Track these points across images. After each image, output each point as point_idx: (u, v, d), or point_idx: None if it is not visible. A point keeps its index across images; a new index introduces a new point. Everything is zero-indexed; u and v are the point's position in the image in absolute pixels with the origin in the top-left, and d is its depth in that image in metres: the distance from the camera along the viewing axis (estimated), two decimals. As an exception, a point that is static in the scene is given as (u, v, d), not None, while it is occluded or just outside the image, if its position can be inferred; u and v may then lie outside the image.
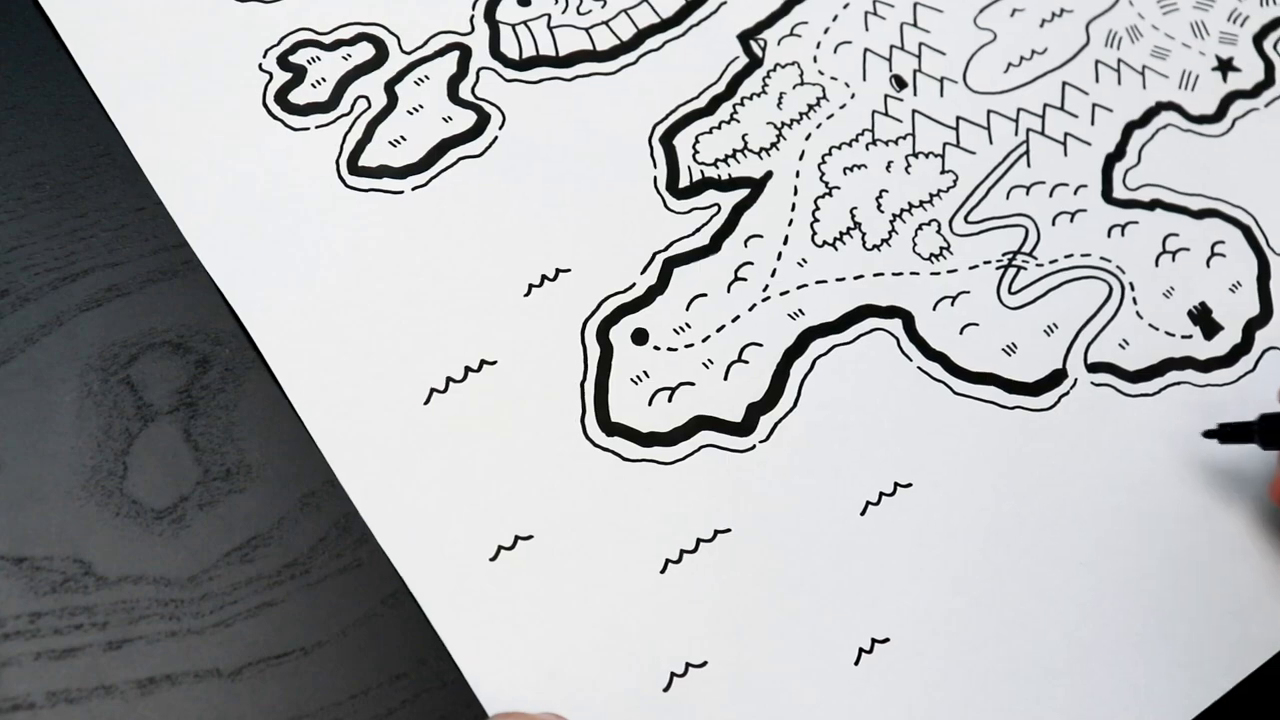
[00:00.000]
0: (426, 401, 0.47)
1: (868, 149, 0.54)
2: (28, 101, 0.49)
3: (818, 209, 0.53)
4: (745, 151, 0.53)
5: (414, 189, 0.50)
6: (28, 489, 0.44)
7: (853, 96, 0.55)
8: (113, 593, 0.43)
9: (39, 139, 0.49)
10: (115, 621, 0.43)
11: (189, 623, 0.43)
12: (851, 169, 0.54)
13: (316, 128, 0.50)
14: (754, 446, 0.48)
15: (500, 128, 0.52)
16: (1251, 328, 0.54)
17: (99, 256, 0.47)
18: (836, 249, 0.52)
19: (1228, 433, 0.48)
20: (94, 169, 0.48)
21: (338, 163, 0.50)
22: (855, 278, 0.52)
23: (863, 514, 0.48)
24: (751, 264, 0.51)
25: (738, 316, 0.50)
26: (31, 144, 0.49)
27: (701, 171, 0.52)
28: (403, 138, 0.51)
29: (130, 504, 0.44)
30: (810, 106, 0.54)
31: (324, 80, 0.51)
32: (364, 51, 0.52)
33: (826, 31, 0.56)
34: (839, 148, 0.54)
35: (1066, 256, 0.54)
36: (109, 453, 0.45)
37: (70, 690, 0.42)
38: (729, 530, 0.47)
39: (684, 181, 0.52)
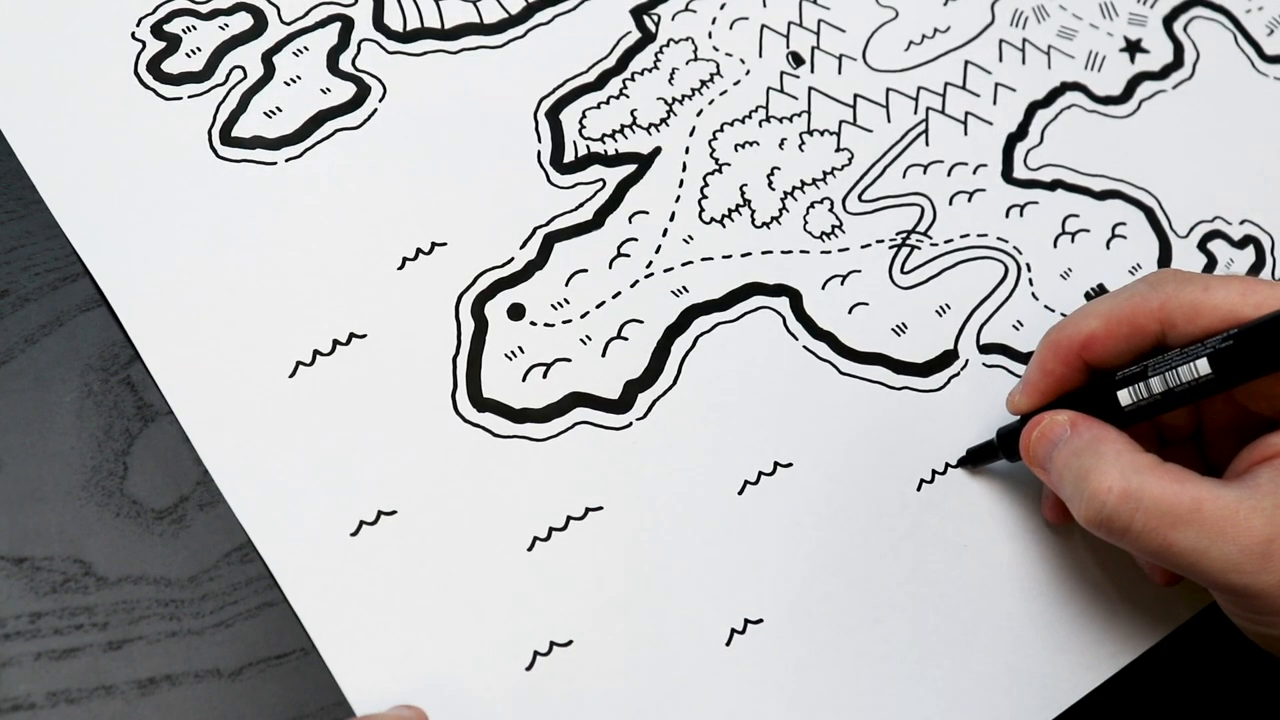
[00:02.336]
0: (292, 375, 0.46)
1: (761, 126, 0.53)
2: None
3: (706, 186, 0.52)
4: (634, 127, 0.52)
5: (288, 160, 0.49)
6: (28, 489, 0.44)
7: (747, 73, 0.54)
8: (113, 593, 0.43)
9: None
10: (115, 621, 0.43)
11: (189, 623, 0.43)
12: (743, 146, 0.53)
13: (189, 97, 0.50)
14: (630, 424, 0.48)
15: (380, 100, 0.51)
16: (1150, 310, 0.53)
17: None
18: (724, 226, 0.51)
19: (975, 456, 0.49)
20: None
21: (210, 133, 0.49)
22: (743, 255, 0.51)
23: (740, 493, 0.47)
24: (635, 240, 0.50)
25: (619, 293, 0.49)
26: None
27: (588, 146, 0.51)
28: (278, 109, 0.50)
29: (130, 504, 0.44)
30: (703, 82, 0.54)
31: (199, 50, 0.50)
32: (242, 21, 0.51)
33: (723, 7, 0.55)
34: (731, 124, 0.53)
35: (963, 236, 0.53)
36: (109, 453, 0.45)
37: (70, 690, 0.42)
38: (601, 508, 0.46)
39: (569, 156, 0.51)
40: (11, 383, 0.45)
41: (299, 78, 0.50)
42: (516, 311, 0.48)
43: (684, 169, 0.52)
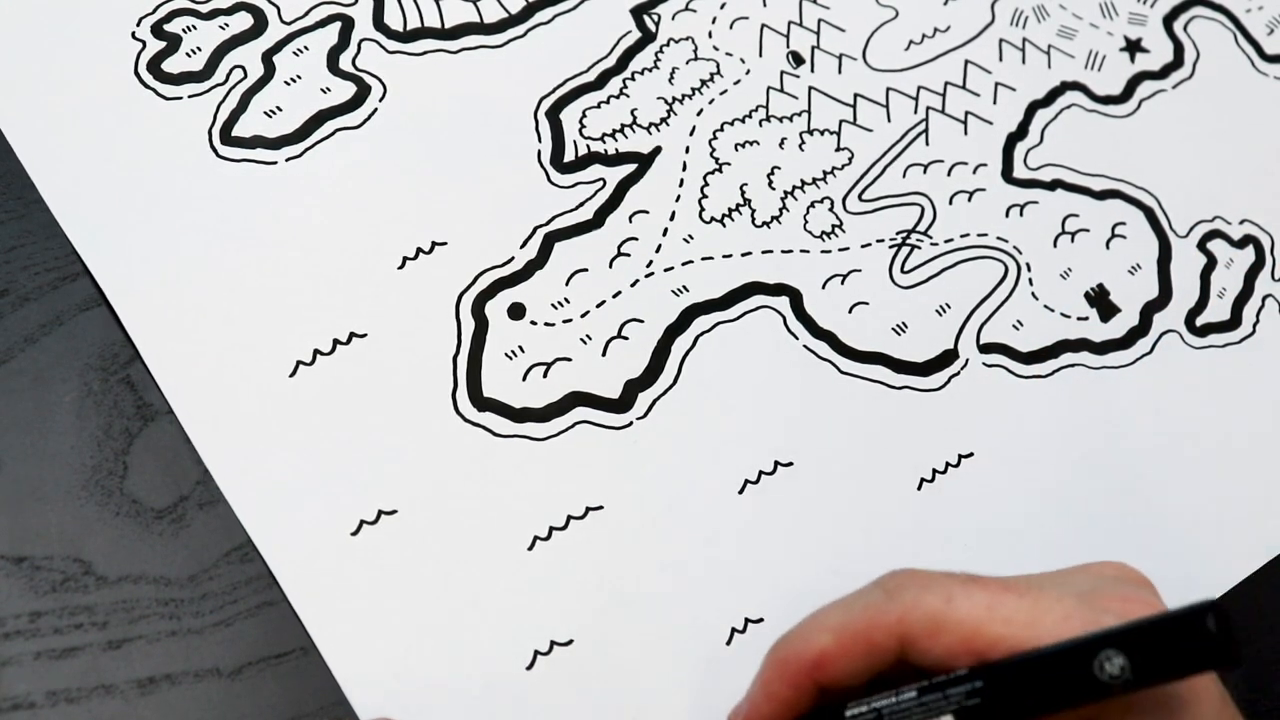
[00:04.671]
0: (292, 374, 0.46)
1: (761, 125, 0.53)
2: None
3: (706, 185, 0.52)
4: (634, 126, 0.52)
5: (288, 159, 0.49)
6: (28, 489, 0.44)
7: (747, 73, 0.54)
8: (113, 592, 0.43)
9: None
10: (115, 621, 0.43)
11: (189, 622, 0.43)
12: (743, 145, 0.53)
13: (189, 97, 0.50)
14: (631, 423, 0.48)
15: (381, 100, 0.51)
16: (1150, 310, 0.53)
17: None
18: (724, 225, 0.51)
19: None
20: None
21: (210, 132, 0.49)
22: (743, 255, 0.51)
23: (741, 492, 0.47)
24: (636, 240, 0.50)
25: (619, 292, 0.49)
26: None
27: (588, 146, 0.52)
28: (279, 108, 0.50)
29: (130, 504, 0.44)
30: (703, 82, 0.54)
31: (199, 49, 0.50)
32: (242, 21, 0.51)
33: (723, 7, 0.55)
34: (731, 124, 0.53)
35: (963, 236, 0.53)
36: (109, 452, 0.45)
37: (70, 690, 0.42)
38: (601, 508, 0.46)
39: (569, 156, 0.51)
40: (11, 382, 0.45)
41: (299, 77, 0.51)
42: (517, 311, 0.48)
43: (684, 168, 0.52)
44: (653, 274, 0.50)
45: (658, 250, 0.51)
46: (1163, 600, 0.39)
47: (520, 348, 0.48)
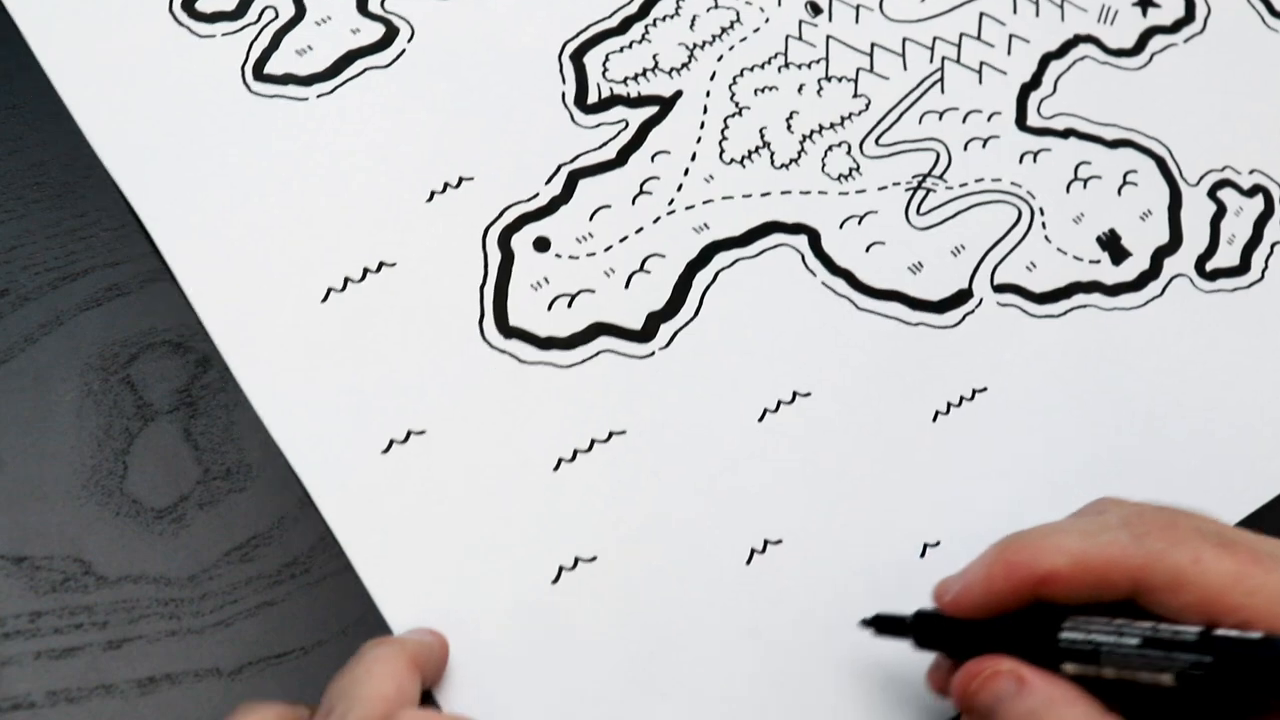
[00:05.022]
0: (324, 300, 0.47)
1: (780, 72, 0.55)
2: (28, 101, 0.49)
3: (726, 128, 0.53)
4: (656, 71, 0.53)
5: (319, 96, 0.51)
6: (28, 489, 0.44)
7: (766, 21, 0.55)
8: (113, 592, 0.43)
9: (39, 139, 0.49)
10: (115, 621, 0.43)
11: (189, 622, 0.43)
12: (762, 90, 0.54)
13: (223, 35, 0.51)
14: (653, 353, 0.49)
15: (409, 40, 0.52)
16: (1160, 255, 0.54)
17: (99, 256, 0.47)
18: (744, 166, 0.52)
19: (883, 625, 0.43)
20: (94, 169, 0.48)
21: (243, 70, 0.50)
22: (762, 195, 0.52)
23: (760, 420, 0.48)
24: (657, 179, 0.52)
25: (641, 228, 0.51)
26: (31, 144, 0.49)
27: (610, 88, 0.53)
28: (309, 47, 0.51)
29: (130, 503, 0.44)
30: (723, 29, 0.55)
31: (232, -10, 0.52)
32: (274, -38, 0.52)
33: (742, -43, 0.56)
34: (750, 70, 0.54)
35: (977, 181, 0.54)
36: (109, 452, 0.45)
37: (70, 690, 0.42)
38: (624, 432, 0.47)
39: (592, 98, 0.52)
40: (11, 382, 0.45)
41: (329, 18, 0.52)
42: (542, 244, 0.50)
43: (705, 111, 0.53)
44: (674, 211, 0.51)
45: (679, 189, 0.52)
46: None
47: (545, 279, 0.49)
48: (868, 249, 0.52)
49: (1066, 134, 0.56)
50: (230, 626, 0.44)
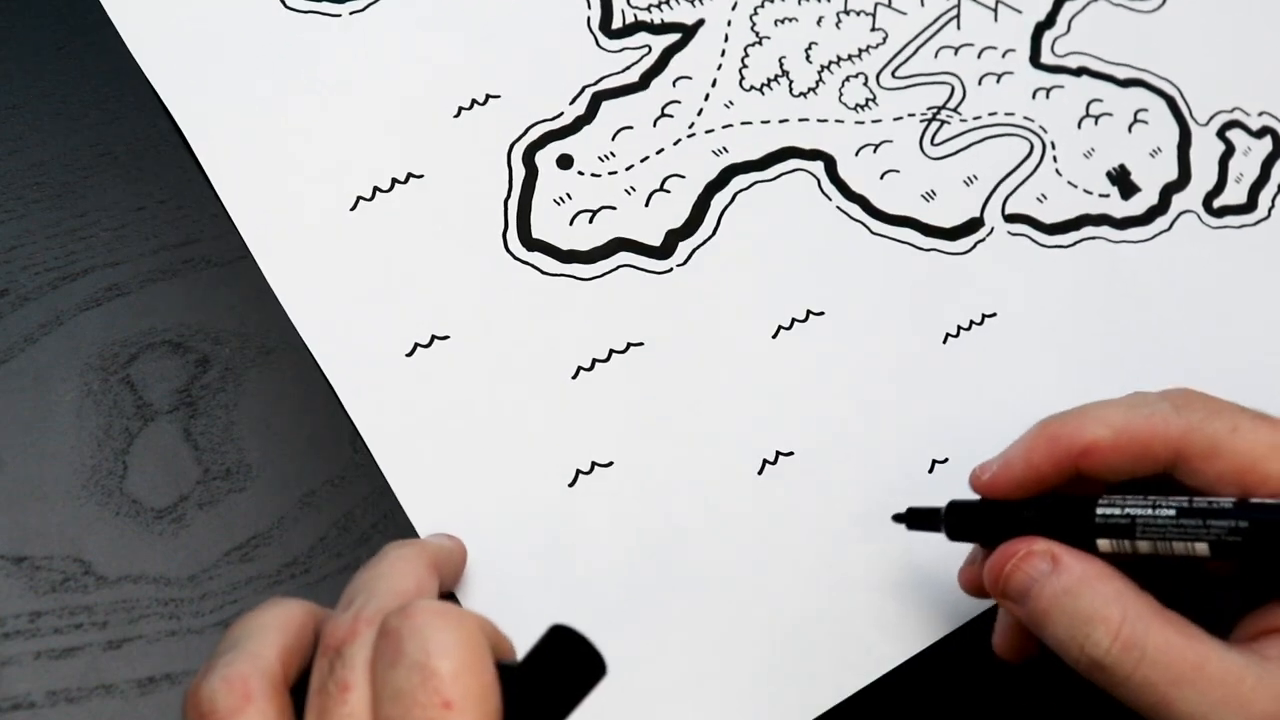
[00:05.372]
0: (353, 208, 0.49)
1: (800, 4, 0.56)
2: (27, 101, 0.49)
3: (747, 56, 0.54)
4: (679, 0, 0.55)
5: (351, 13, 0.52)
6: (28, 489, 0.44)
7: (788, -46, 0.56)
8: (113, 592, 0.43)
9: (39, 139, 0.49)
10: (115, 621, 0.43)
11: (189, 622, 0.43)
12: (783, 21, 0.55)
13: (260, -48, 0.52)
14: (671, 269, 0.50)
15: (439, -37, 0.53)
16: (1169, 191, 0.55)
17: (99, 256, 0.47)
18: (763, 94, 0.54)
19: (916, 519, 0.43)
20: (94, 169, 0.48)
21: (278, -15, 0.52)
22: (780, 121, 0.53)
23: (774, 336, 0.50)
24: (679, 103, 0.53)
25: (662, 149, 0.52)
26: (31, 144, 0.49)
27: (635, 14, 0.54)
28: (343, -36, 0.52)
29: (130, 503, 0.44)
30: (745, -38, 0.56)
31: (268, -91, 0.53)
32: (308, -114, 0.54)
33: (764, -107, 0.57)
34: (771, 1, 0.55)
35: (990, 114, 0.55)
36: (109, 452, 0.45)
37: (70, 690, 0.42)
38: (642, 344, 0.49)
39: (617, 23, 0.54)
40: (11, 382, 0.45)
41: (363, -62, 0.53)
42: (565, 161, 0.51)
43: (725, 39, 0.54)
44: (694, 135, 0.53)
45: (699, 113, 0.53)
46: None
47: (568, 194, 0.51)
48: (882, 176, 0.53)
49: (1079, 72, 0.57)
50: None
